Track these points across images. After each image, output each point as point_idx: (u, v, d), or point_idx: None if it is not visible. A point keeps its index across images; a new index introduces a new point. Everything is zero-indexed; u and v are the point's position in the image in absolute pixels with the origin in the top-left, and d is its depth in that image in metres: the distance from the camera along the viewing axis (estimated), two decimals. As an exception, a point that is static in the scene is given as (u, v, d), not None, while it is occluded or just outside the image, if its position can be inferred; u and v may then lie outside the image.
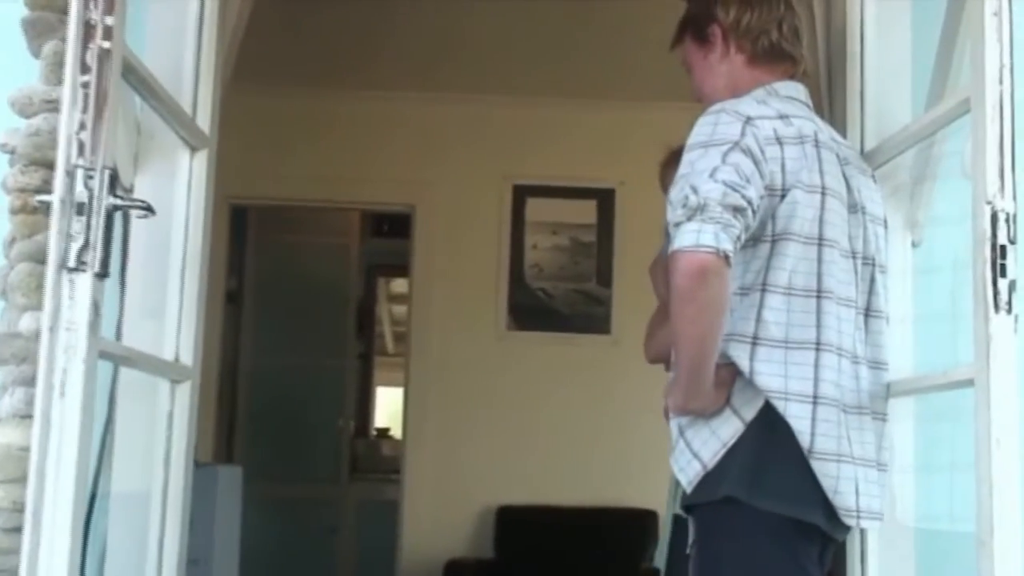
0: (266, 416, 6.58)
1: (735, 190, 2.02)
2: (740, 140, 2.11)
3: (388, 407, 7.72)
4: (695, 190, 2.01)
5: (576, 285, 5.44)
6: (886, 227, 2.37)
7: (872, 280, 2.25)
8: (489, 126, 5.52)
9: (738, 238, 2.00)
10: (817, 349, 2.09)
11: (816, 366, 2.08)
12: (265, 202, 5.76)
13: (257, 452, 6.53)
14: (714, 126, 2.15)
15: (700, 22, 2.43)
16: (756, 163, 2.10)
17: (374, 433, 7.44)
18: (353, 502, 6.57)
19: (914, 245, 2.61)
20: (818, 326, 2.10)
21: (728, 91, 2.37)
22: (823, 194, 2.15)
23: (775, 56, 2.37)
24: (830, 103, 2.70)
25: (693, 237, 1.94)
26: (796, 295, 2.10)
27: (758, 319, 2.09)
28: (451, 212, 5.49)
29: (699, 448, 2.10)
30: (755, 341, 2.08)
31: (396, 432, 7.34)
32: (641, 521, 5.17)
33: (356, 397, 6.98)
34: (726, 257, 1.94)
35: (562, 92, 5.39)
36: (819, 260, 2.12)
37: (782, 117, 2.22)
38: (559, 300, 5.42)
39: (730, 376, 2.11)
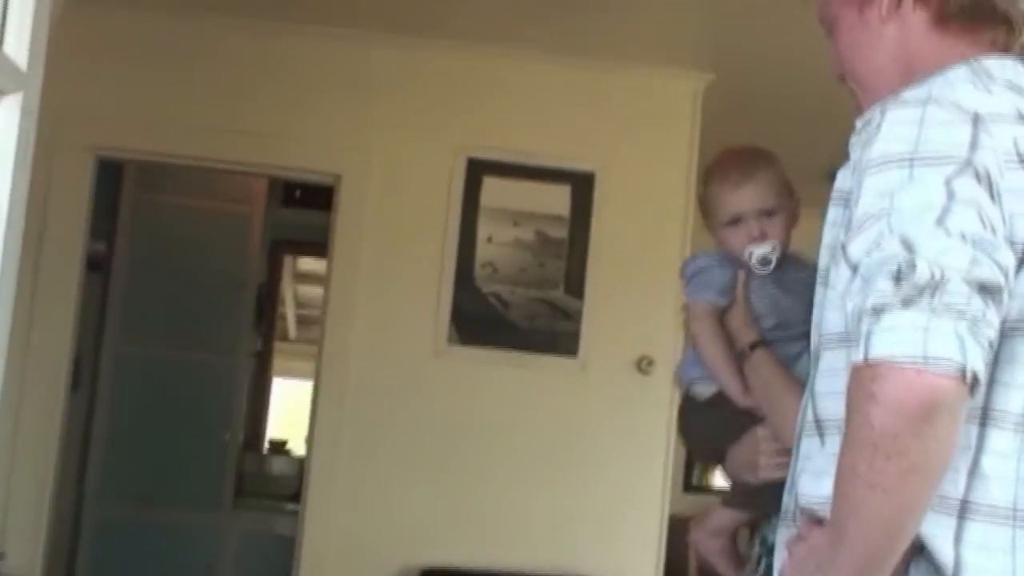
0: (132, 418, 5.60)
1: (986, 254, 1.25)
2: (972, 156, 1.32)
3: (285, 408, 6.75)
4: (911, 248, 1.24)
5: (539, 292, 4.53)
6: None
7: None
8: (442, 82, 4.56)
9: (991, 344, 1.25)
10: None
11: None
12: (146, 158, 4.74)
13: (118, 463, 5.58)
14: (919, 127, 1.33)
15: None
16: (994, 197, 1.32)
17: (267, 448, 6.46)
18: (237, 534, 5.61)
19: None
20: None
21: (898, 69, 1.57)
22: None
23: (978, 15, 1.54)
24: None
25: (918, 341, 1.20)
26: None
27: (972, 471, 1.33)
28: (387, 187, 4.53)
29: None
30: (965, 510, 1.32)
31: (294, 446, 6.42)
32: (604, 597, 4.33)
33: (248, 403, 6.02)
34: (974, 382, 1.22)
35: (538, 45, 4.46)
36: None
37: (1022, 118, 1.39)
38: (516, 310, 4.51)
39: (903, 565, 1.32)
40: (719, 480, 6.74)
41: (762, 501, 2.08)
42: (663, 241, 4.53)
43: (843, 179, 1.57)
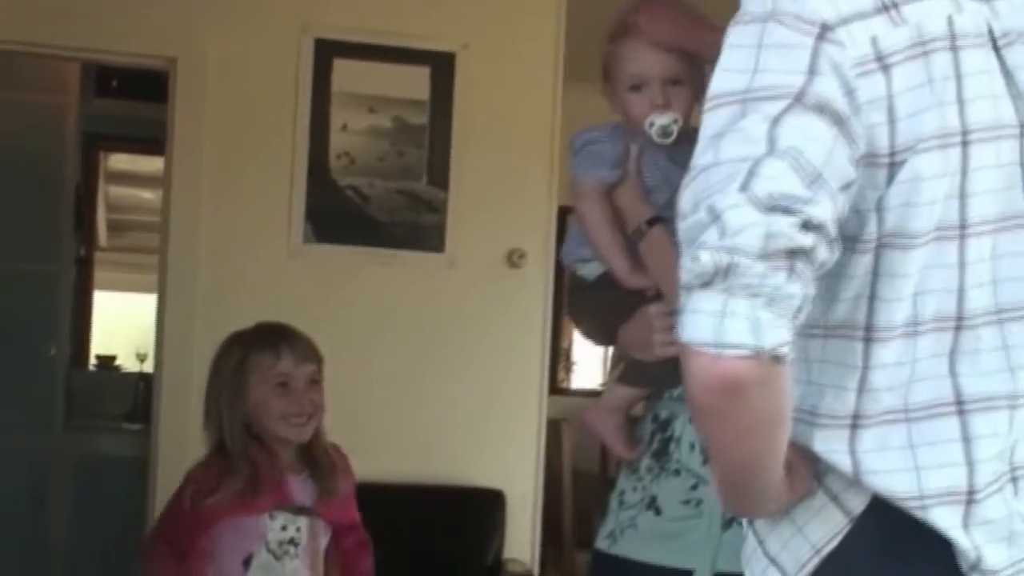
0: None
1: (790, 213, 1.21)
2: (808, 86, 1.27)
3: (108, 324, 6.46)
4: (717, 218, 1.22)
5: (400, 184, 4.38)
6: None
7: None
8: (284, -46, 4.34)
9: (799, 310, 1.23)
10: (960, 412, 1.36)
11: (965, 440, 1.35)
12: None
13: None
14: (756, 52, 1.30)
15: None
16: (839, 123, 1.28)
17: (94, 363, 6.17)
18: (70, 458, 5.36)
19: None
20: (953, 373, 1.36)
21: None
22: (964, 144, 1.34)
23: None
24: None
25: (711, 326, 1.21)
26: (925, 332, 1.36)
27: (861, 388, 1.37)
28: (227, 72, 4.26)
29: (778, 552, 1.44)
30: (857, 424, 1.37)
31: (124, 361, 6.15)
32: (483, 504, 4.29)
33: (72, 315, 5.72)
34: (776, 357, 1.21)
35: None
36: (961, 264, 1.36)
37: (885, 8, 1.34)
38: (376, 203, 4.35)
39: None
40: (581, 381, 6.85)
41: (657, 377, 2.12)
42: (531, 126, 4.43)
43: None
